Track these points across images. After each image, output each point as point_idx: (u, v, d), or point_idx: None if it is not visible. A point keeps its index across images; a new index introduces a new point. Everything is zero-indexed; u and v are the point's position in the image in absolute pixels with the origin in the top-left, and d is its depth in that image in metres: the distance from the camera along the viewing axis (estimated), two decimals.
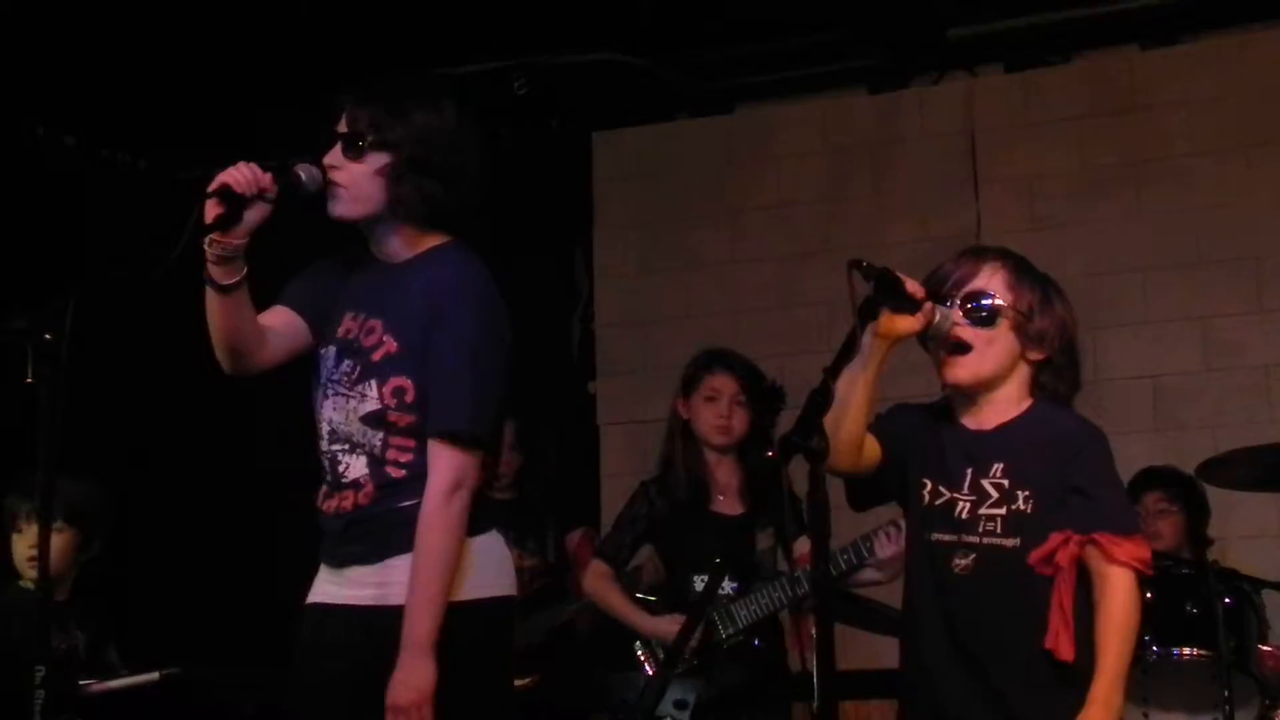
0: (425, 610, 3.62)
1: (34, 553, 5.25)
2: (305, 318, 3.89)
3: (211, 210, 3.56)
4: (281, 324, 3.87)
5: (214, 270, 3.64)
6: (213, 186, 3.57)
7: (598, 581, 5.58)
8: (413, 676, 3.59)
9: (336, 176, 3.74)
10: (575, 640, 6.18)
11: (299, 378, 3.93)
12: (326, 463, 3.80)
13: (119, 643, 5.43)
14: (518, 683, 5.90)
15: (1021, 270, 3.70)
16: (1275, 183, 6.88)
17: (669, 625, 5.31)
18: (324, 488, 3.82)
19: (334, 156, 3.75)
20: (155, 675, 4.96)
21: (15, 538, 5.26)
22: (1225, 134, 6.99)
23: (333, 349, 3.82)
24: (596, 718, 6.14)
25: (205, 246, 3.60)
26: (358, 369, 3.76)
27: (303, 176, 3.71)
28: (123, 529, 5.54)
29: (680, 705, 5.28)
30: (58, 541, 5.18)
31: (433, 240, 3.83)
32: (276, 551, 4.24)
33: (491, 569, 3.80)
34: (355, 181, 3.75)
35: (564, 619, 6.12)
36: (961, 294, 3.64)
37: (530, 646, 6.02)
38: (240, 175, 3.58)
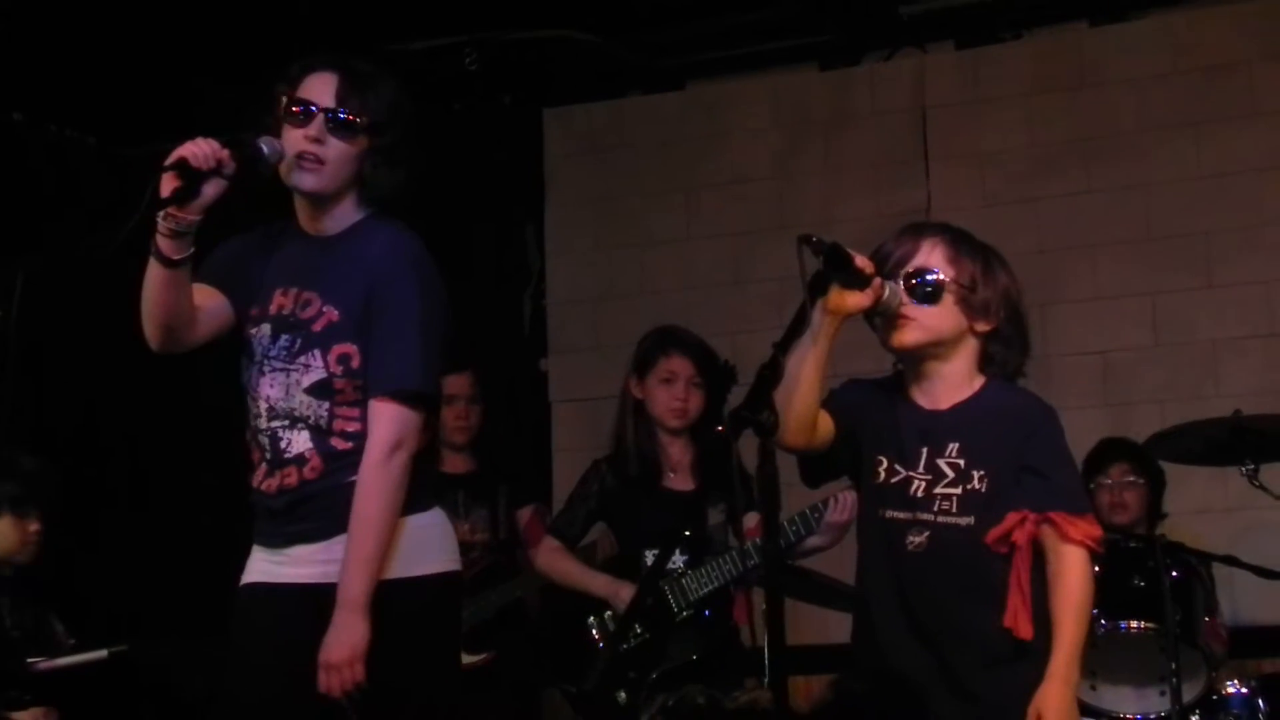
0: (361, 568, 3.61)
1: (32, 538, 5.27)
2: (228, 296, 3.86)
3: (168, 184, 3.54)
4: (208, 302, 3.84)
5: (164, 244, 3.62)
6: (169, 160, 3.55)
7: (550, 555, 5.59)
8: (346, 634, 3.59)
9: (319, 151, 3.72)
10: (526, 617, 6.18)
11: None
12: (266, 440, 3.77)
13: (61, 614, 5.41)
14: (470, 660, 5.92)
15: (960, 242, 3.70)
16: (1224, 159, 6.91)
17: (625, 588, 5.33)
18: (262, 467, 3.79)
19: (318, 130, 3.72)
20: (104, 653, 4.94)
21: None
22: (1174, 110, 7.01)
23: (267, 327, 3.80)
24: (549, 694, 6.15)
25: (159, 220, 3.58)
26: (298, 341, 3.75)
27: (264, 150, 3.68)
28: (69, 504, 5.51)
29: (632, 679, 5.29)
30: (33, 531, 5.21)
31: (361, 213, 3.83)
32: (224, 526, 4.20)
33: (436, 544, 3.81)
34: (336, 160, 3.74)
35: (515, 596, 6.12)
36: (904, 272, 3.64)
37: (482, 624, 6.02)
38: (198, 150, 3.55)
